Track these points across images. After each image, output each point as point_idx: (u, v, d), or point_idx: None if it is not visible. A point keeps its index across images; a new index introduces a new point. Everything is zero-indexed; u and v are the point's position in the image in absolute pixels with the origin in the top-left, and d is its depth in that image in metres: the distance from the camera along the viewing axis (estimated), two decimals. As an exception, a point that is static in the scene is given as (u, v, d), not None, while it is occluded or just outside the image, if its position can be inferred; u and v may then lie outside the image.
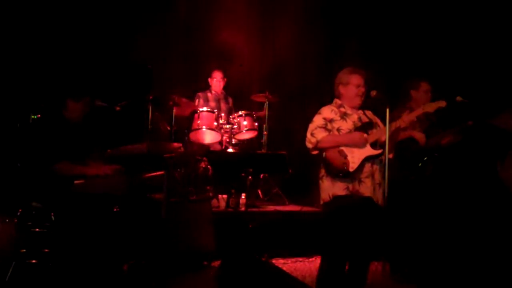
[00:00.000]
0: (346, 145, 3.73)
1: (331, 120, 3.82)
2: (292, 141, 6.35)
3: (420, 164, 4.52)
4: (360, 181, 3.73)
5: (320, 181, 3.84)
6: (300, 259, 5.07)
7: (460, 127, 4.48)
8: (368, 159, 3.74)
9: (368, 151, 3.74)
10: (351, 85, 3.85)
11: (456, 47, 6.11)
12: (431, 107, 3.86)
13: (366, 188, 3.73)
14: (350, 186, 3.71)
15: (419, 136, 4.34)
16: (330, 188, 3.76)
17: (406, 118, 3.85)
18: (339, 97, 3.94)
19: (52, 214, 3.85)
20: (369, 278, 4.25)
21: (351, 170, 3.69)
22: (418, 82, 4.64)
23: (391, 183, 3.70)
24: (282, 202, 6.13)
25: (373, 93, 3.79)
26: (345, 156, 3.71)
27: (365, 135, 3.76)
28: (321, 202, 3.83)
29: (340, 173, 3.70)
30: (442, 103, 3.85)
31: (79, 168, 3.99)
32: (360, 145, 3.73)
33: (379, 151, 3.75)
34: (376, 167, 3.80)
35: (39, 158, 3.94)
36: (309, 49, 7.21)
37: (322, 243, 3.84)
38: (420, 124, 4.43)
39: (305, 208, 5.42)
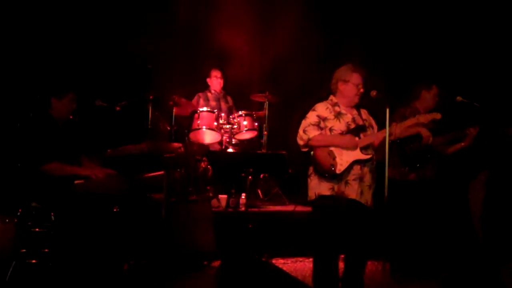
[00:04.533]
0: (336, 146, 3.72)
1: (324, 119, 3.80)
2: (292, 141, 6.33)
3: (418, 165, 4.53)
4: (346, 183, 3.71)
5: (308, 179, 3.84)
6: (300, 259, 5.07)
7: (455, 135, 4.51)
8: (357, 162, 3.73)
9: (358, 154, 3.72)
10: (351, 83, 3.81)
11: (460, 46, 6.11)
12: (425, 118, 3.83)
13: (352, 191, 3.71)
14: (336, 186, 3.70)
15: (425, 134, 4.30)
16: (316, 187, 3.76)
17: (401, 127, 3.82)
18: (335, 94, 3.90)
19: (52, 214, 3.85)
20: (369, 278, 4.26)
21: (337, 172, 3.68)
22: (431, 84, 4.69)
23: (391, 182, 3.70)
24: (282, 202, 6.12)
25: (373, 93, 3.78)
26: (334, 158, 3.69)
27: (357, 138, 3.74)
28: (308, 199, 3.83)
29: (327, 173, 3.70)
30: (437, 115, 3.82)
31: (70, 168, 3.97)
32: (350, 148, 3.71)
33: (368, 156, 3.73)
34: (366, 169, 3.78)
35: (27, 158, 3.92)
36: (309, 49, 7.19)
37: (312, 241, 3.84)
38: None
39: (298, 208, 5.43)
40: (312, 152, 3.77)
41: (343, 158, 3.70)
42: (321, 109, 3.85)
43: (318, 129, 3.76)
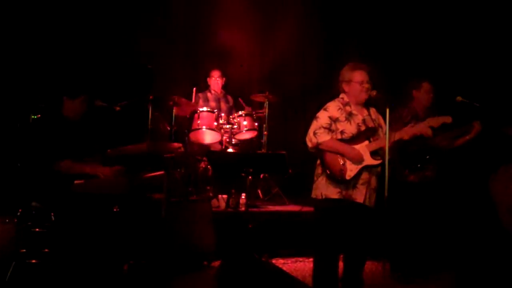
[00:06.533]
0: (343, 155, 3.72)
1: (336, 120, 3.77)
2: (292, 141, 6.35)
3: (419, 165, 4.53)
4: (354, 187, 3.71)
5: (315, 177, 3.83)
6: (300, 259, 5.07)
7: (460, 130, 4.50)
8: (366, 168, 3.73)
9: (368, 160, 3.71)
10: (354, 82, 3.80)
11: (459, 46, 6.11)
12: (436, 122, 3.82)
13: (360, 194, 3.71)
14: (344, 191, 3.70)
15: (425, 130, 4.29)
16: (323, 188, 3.75)
17: (410, 131, 3.82)
18: (344, 93, 3.88)
19: (52, 214, 3.85)
20: (369, 278, 4.26)
21: (347, 178, 3.67)
22: (419, 82, 4.66)
23: (391, 183, 3.69)
24: (282, 202, 6.12)
25: (373, 93, 3.78)
26: (344, 163, 3.69)
27: (367, 143, 3.72)
28: (312, 196, 3.83)
29: (336, 178, 3.69)
30: (448, 119, 3.82)
31: (81, 166, 3.99)
32: (355, 163, 3.70)
33: (378, 162, 3.73)
34: (373, 173, 3.79)
35: (40, 157, 3.94)
36: (309, 49, 7.20)
37: (314, 240, 3.84)
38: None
39: (305, 208, 5.42)
40: (323, 155, 3.74)
41: (353, 164, 3.70)
42: (333, 109, 3.81)
43: (329, 132, 3.73)
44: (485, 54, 5.90)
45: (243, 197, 5.74)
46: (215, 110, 6.08)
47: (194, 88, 6.27)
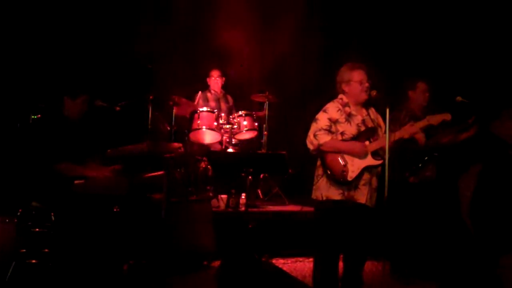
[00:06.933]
0: (346, 153, 3.71)
1: (336, 121, 3.75)
2: (292, 141, 6.35)
3: (420, 165, 4.53)
4: (356, 187, 3.71)
5: (316, 178, 3.82)
6: (300, 259, 5.07)
7: (460, 126, 4.49)
8: (367, 168, 3.72)
9: (369, 160, 3.70)
10: (354, 82, 3.78)
11: (457, 46, 6.11)
12: (435, 120, 3.82)
13: (361, 195, 3.71)
14: (346, 192, 3.70)
15: (419, 136, 4.33)
16: (324, 189, 3.74)
17: (410, 130, 3.81)
18: (343, 94, 3.87)
19: (52, 214, 3.85)
20: (369, 278, 4.26)
21: (349, 179, 3.66)
22: (415, 83, 4.66)
23: (391, 184, 3.69)
24: (282, 202, 6.12)
25: (373, 93, 3.77)
26: (345, 164, 3.67)
27: (367, 143, 3.72)
28: (313, 197, 3.82)
29: (338, 179, 3.69)
30: (447, 116, 3.82)
31: (80, 169, 3.99)
32: (361, 155, 3.70)
33: (380, 162, 3.72)
34: (374, 174, 3.79)
35: (39, 158, 3.95)
36: (309, 49, 7.20)
37: (314, 241, 3.84)
38: None
39: (305, 208, 5.42)
40: (324, 157, 3.73)
41: (355, 164, 3.69)
42: (332, 110, 3.79)
43: (329, 134, 3.72)
44: (482, 53, 5.90)
45: (243, 197, 5.74)
46: (215, 110, 6.08)
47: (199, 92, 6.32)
